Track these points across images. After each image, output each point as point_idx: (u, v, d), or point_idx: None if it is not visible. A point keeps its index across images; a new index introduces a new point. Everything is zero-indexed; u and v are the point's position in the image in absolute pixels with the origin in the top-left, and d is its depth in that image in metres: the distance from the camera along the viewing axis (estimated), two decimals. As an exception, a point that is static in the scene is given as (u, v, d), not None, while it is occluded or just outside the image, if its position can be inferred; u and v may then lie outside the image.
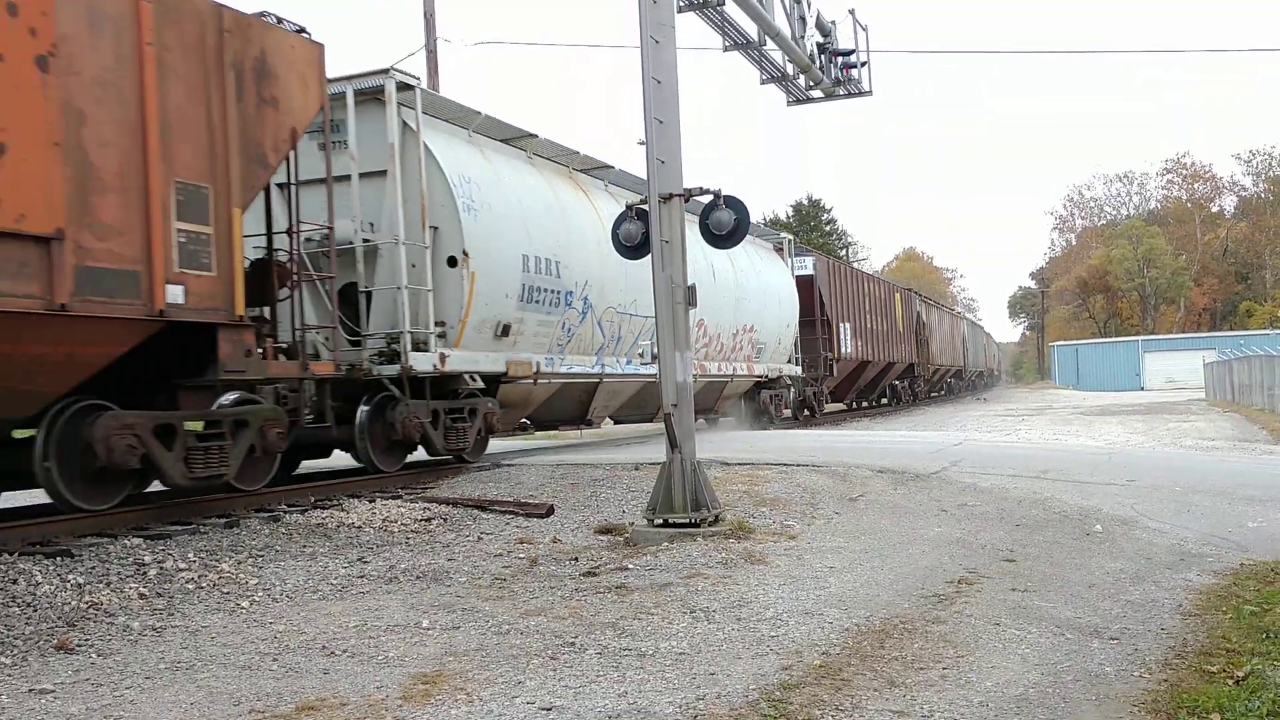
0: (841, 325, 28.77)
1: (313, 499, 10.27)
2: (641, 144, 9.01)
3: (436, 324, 11.86)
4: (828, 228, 75.72)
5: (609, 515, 9.80)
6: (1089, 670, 5.02)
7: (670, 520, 8.46)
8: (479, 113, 12.96)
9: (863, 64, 15.61)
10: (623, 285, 15.54)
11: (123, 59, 7.87)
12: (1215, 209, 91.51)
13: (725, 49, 13.59)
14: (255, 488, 9.92)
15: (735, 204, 9.17)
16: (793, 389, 24.76)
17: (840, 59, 15.28)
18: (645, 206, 9.02)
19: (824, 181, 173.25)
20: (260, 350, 9.12)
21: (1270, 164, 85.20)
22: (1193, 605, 6.47)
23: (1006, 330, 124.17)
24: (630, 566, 7.27)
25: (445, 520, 9.57)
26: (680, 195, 8.83)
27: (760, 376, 22.09)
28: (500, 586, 6.85)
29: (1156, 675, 4.98)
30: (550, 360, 14.10)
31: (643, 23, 8.82)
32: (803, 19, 14.17)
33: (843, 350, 28.74)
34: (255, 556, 7.80)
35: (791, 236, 26.32)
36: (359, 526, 9.09)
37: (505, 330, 13.05)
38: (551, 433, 18.79)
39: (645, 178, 8.98)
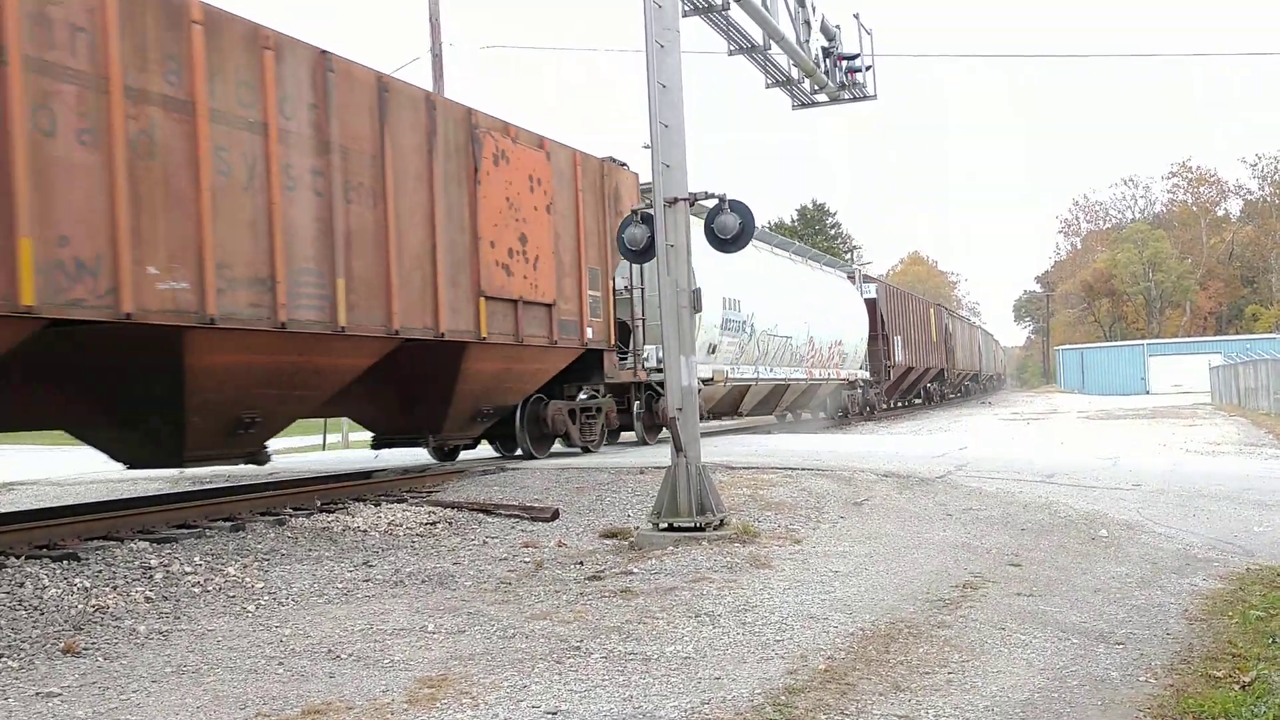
0: (895, 338, 34.52)
1: (318, 502, 10.29)
2: (646, 148, 9.04)
3: None
4: (832, 231, 75.70)
5: (614, 519, 9.81)
6: (1094, 675, 5.02)
7: (675, 524, 8.46)
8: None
9: (867, 68, 15.60)
10: (771, 312, 22.45)
11: (571, 200, 14.10)
12: (1221, 213, 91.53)
13: (730, 53, 13.60)
14: (598, 449, 15.59)
15: (740, 208, 9.17)
16: (860, 390, 30.76)
17: (845, 63, 15.27)
18: (650, 210, 9.03)
19: (829, 185, 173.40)
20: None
21: (1276, 167, 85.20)
22: (1199, 610, 6.46)
23: (1012, 334, 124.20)
24: (635, 570, 7.28)
25: (450, 524, 9.58)
26: (685, 199, 8.83)
27: (845, 380, 28.69)
28: (505, 590, 6.86)
29: (1162, 680, 4.97)
30: (732, 369, 20.74)
31: (648, 27, 8.83)
32: (807, 23, 14.17)
33: (896, 359, 34.57)
34: (261, 560, 7.82)
35: (859, 267, 34.58)
36: (364, 530, 9.10)
37: (713, 349, 19.78)
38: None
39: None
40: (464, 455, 15.72)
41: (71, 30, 7.55)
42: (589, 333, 14.36)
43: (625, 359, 16.57)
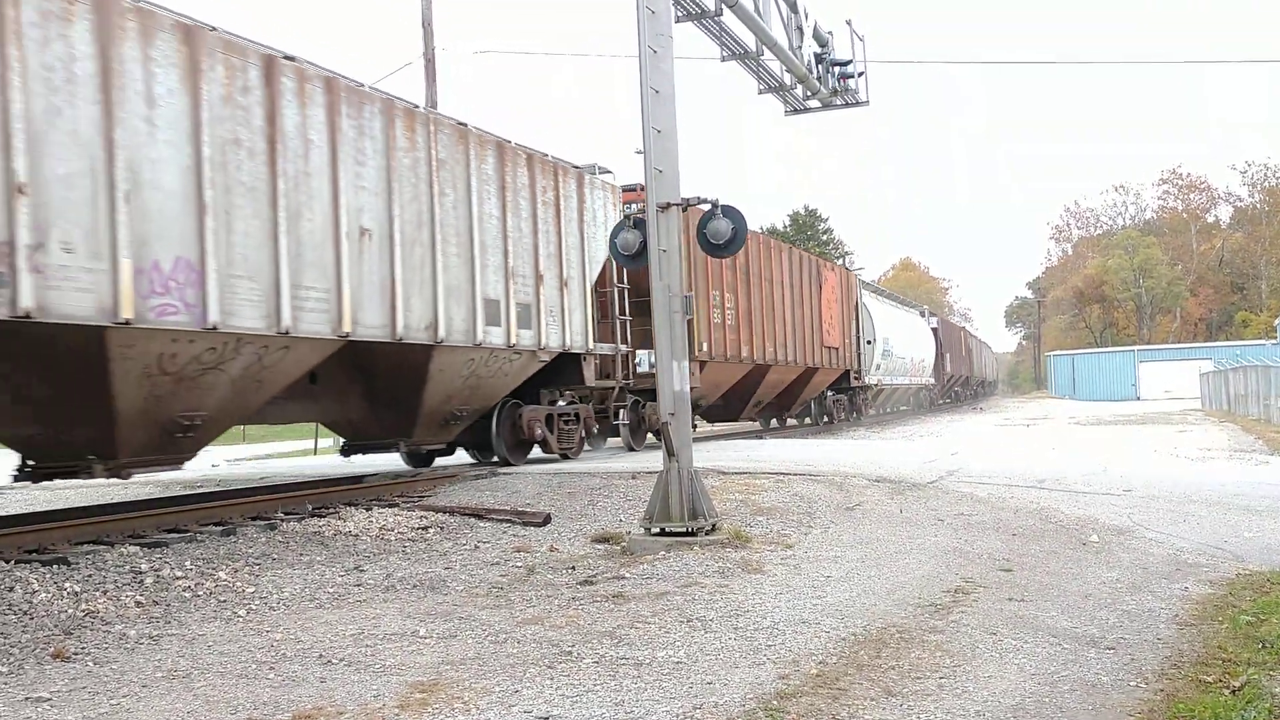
0: (946, 354, 49.36)
1: (310, 507, 10.27)
2: (639, 153, 9.04)
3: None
4: (825, 237, 75.76)
5: (606, 524, 9.80)
6: (1085, 680, 5.03)
7: (667, 529, 8.46)
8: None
9: (860, 74, 15.62)
10: (896, 341, 35.70)
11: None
12: (1211, 219, 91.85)
13: (723, 59, 13.61)
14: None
15: (733, 213, 9.19)
16: (926, 392, 46.48)
17: (837, 69, 15.30)
18: (643, 215, 9.04)
19: (821, 191, 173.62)
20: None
21: (1266, 174, 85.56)
22: (1189, 615, 6.47)
23: (1003, 340, 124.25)
24: (627, 575, 7.27)
25: (442, 529, 9.57)
26: (678, 204, 8.85)
27: (923, 385, 44.03)
28: (497, 595, 6.85)
29: (1153, 685, 4.98)
30: (884, 378, 34.79)
31: (641, 33, 8.84)
32: (800, 29, 14.20)
33: (947, 369, 50.32)
34: (252, 564, 7.80)
35: (927, 306, 53.12)
36: (356, 535, 9.09)
37: (878, 366, 33.08)
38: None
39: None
40: (453, 461, 15.71)
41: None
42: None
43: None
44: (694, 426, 20.55)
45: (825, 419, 29.79)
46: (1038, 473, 13.22)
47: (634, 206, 14.05)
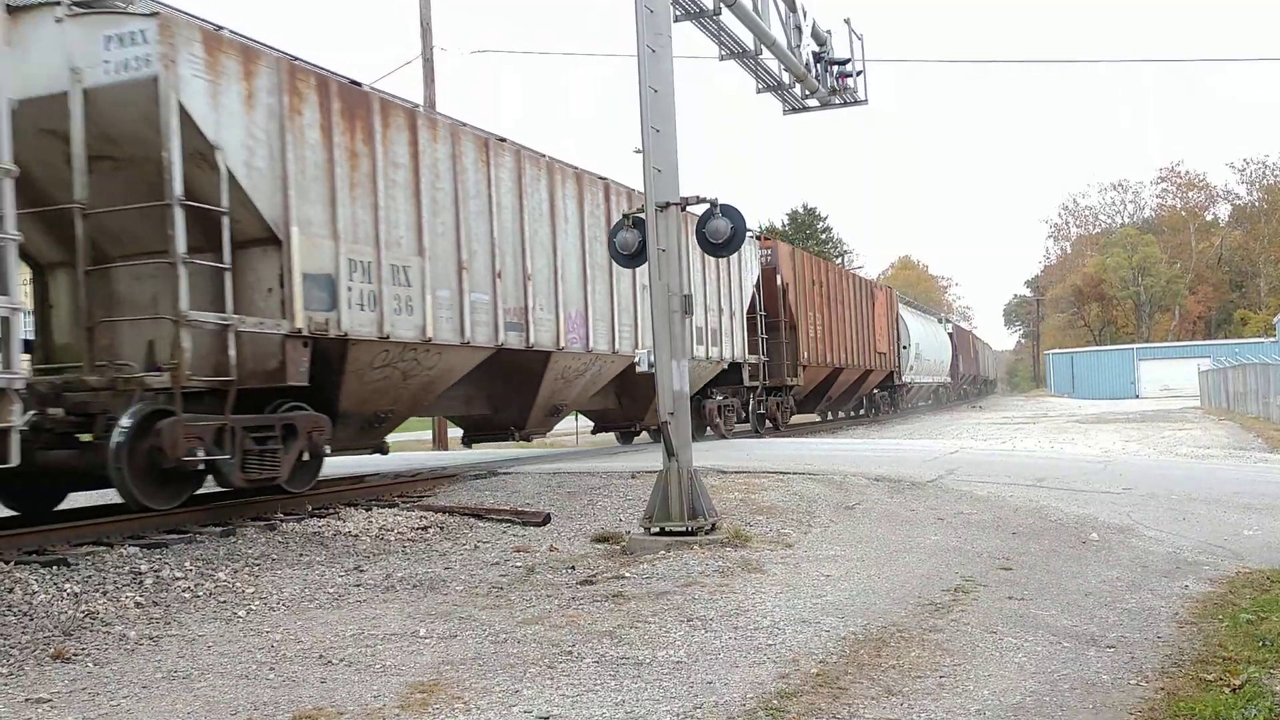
0: (960, 354, 55.37)
1: (309, 507, 10.26)
2: (638, 152, 9.03)
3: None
4: (823, 235, 75.81)
5: (606, 524, 9.80)
6: (1086, 679, 5.03)
7: (667, 529, 8.46)
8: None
9: (858, 73, 15.63)
10: (923, 345, 41.76)
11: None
12: (1210, 217, 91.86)
13: (721, 58, 13.61)
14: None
15: (731, 212, 9.18)
16: (941, 389, 52.44)
17: (836, 68, 15.31)
18: (642, 215, 9.03)
19: (819, 189, 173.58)
20: None
21: (1264, 172, 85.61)
22: (1189, 613, 6.48)
23: (1002, 338, 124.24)
24: (627, 575, 7.27)
25: (442, 529, 9.57)
26: (677, 204, 8.84)
27: (942, 383, 50.60)
28: (497, 595, 6.85)
29: (1153, 684, 4.98)
30: (918, 379, 42.75)
31: (639, 32, 8.84)
32: (798, 28, 14.20)
33: (961, 369, 56.02)
34: (252, 565, 7.79)
35: (944, 314, 61.21)
36: (355, 535, 9.08)
37: (912, 367, 39.41)
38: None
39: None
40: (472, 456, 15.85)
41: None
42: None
43: None
44: (792, 411, 26.67)
45: (873, 411, 37.00)
46: (1037, 471, 13.23)
47: (765, 252, 24.03)
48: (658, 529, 8.50)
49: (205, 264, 8.97)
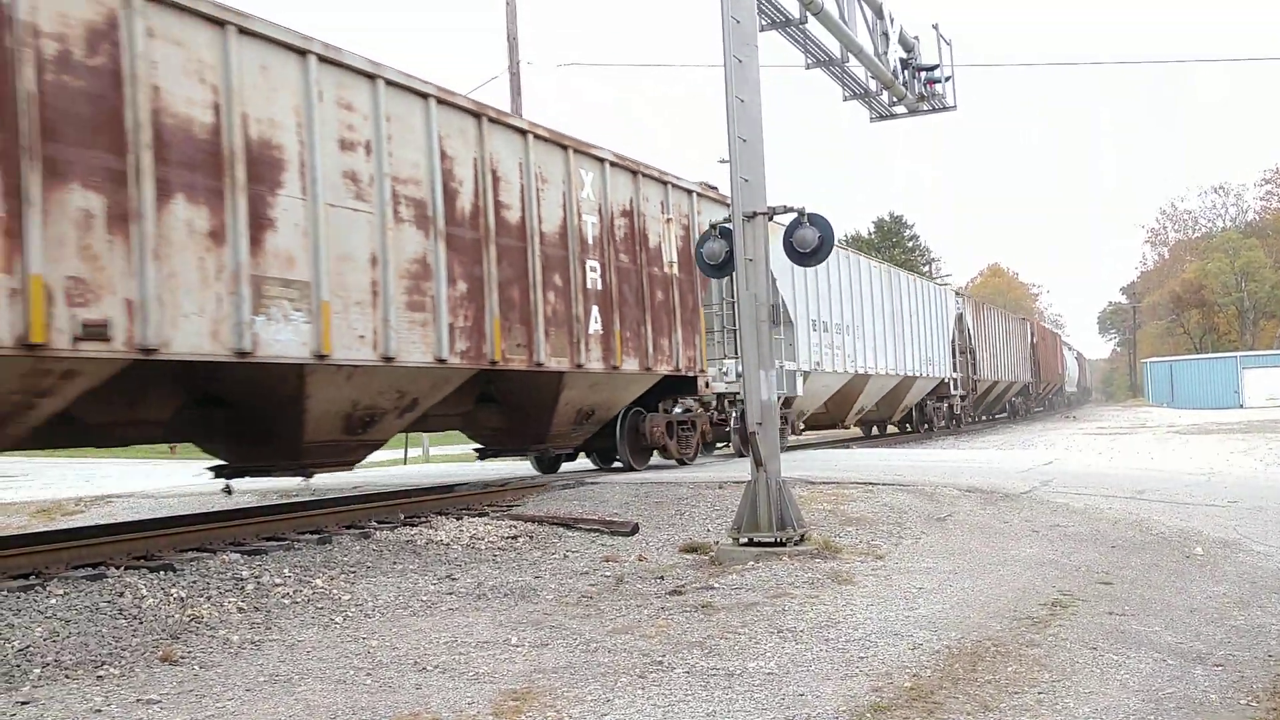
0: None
1: (402, 516, 10.45)
2: (724, 162, 9.04)
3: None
4: (910, 244, 74.78)
5: (693, 534, 9.79)
6: (1192, 697, 4.87)
7: (755, 539, 8.43)
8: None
9: (946, 79, 15.45)
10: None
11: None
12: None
13: (807, 66, 13.56)
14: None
15: (819, 221, 9.12)
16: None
17: (923, 74, 15.14)
18: (729, 225, 9.03)
19: (906, 197, 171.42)
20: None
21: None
22: (1301, 631, 6.23)
23: (1096, 347, 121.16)
24: (716, 585, 7.26)
25: (531, 538, 9.66)
26: (764, 213, 8.82)
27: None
28: (587, 604, 6.89)
29: (1264, 704, 4.80)
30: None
31: (726, 42, 8.85)
32: (885, 35, 14.07)
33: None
34: (347, 572, 7.96)
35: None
36: (447, 544, 9.22)
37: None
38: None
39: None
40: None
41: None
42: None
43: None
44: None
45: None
46: (1136, 483, 12.86)
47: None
48: (746, 539, 8.47)
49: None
